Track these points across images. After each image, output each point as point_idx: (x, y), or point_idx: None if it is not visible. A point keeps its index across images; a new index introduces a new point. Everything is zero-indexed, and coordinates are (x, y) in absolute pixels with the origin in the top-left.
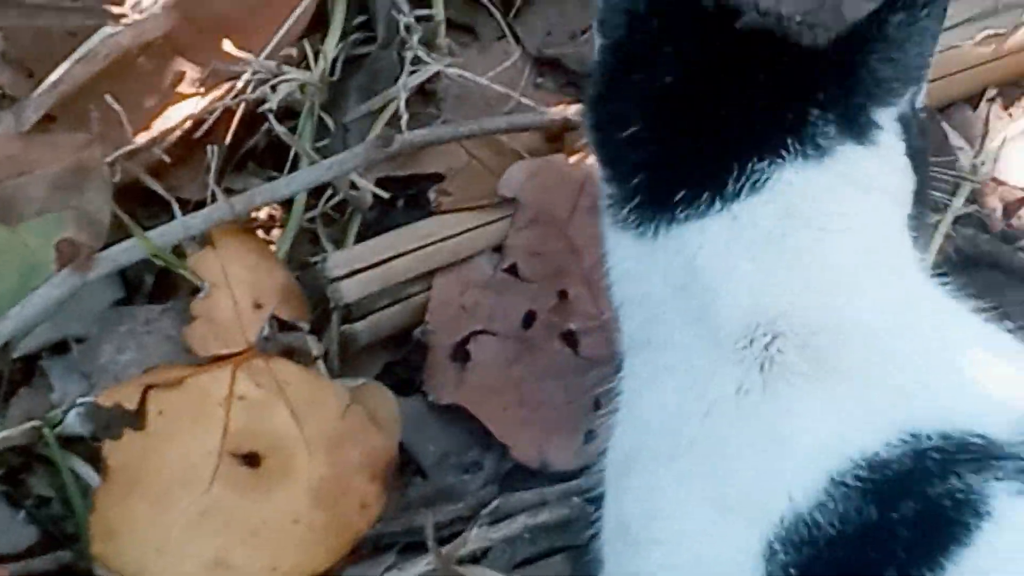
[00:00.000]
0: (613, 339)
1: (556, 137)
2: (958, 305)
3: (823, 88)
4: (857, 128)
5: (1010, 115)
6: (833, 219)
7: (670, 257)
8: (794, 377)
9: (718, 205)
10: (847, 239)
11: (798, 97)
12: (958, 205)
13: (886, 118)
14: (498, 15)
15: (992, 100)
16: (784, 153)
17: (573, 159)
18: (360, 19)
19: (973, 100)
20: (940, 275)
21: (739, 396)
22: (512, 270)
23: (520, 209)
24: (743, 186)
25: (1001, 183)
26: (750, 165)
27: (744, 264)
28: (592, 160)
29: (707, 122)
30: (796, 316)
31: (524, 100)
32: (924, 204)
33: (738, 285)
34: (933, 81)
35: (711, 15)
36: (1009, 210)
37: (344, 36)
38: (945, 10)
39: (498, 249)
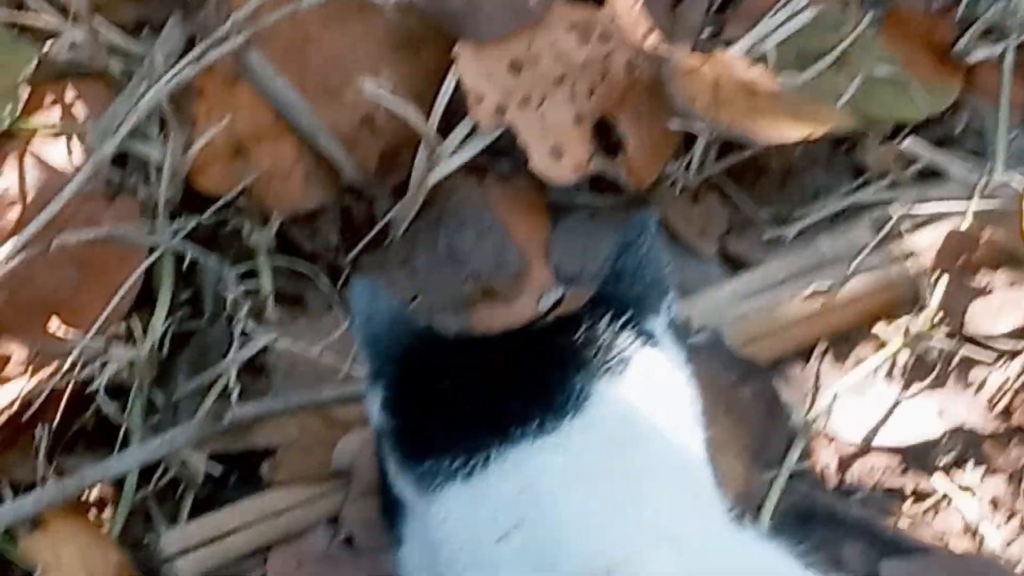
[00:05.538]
0: None
1: None
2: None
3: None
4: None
5: (841, 368)
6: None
7: (503, 489)
8: None
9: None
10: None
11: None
12: (792, 461)
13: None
14: (326, 286)
15: (823, 354)
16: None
17: None
18: (187, 294)
19: (803, 355)
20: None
21: None
22: (348, 541)
23: (354, 480)
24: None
25: (833, 439)
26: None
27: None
28: None
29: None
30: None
31: (354, 371)
32: None
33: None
34: (764, 338)
35: None
36: (843, 465)
37: (171, 312)
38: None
39: (334, 520)
